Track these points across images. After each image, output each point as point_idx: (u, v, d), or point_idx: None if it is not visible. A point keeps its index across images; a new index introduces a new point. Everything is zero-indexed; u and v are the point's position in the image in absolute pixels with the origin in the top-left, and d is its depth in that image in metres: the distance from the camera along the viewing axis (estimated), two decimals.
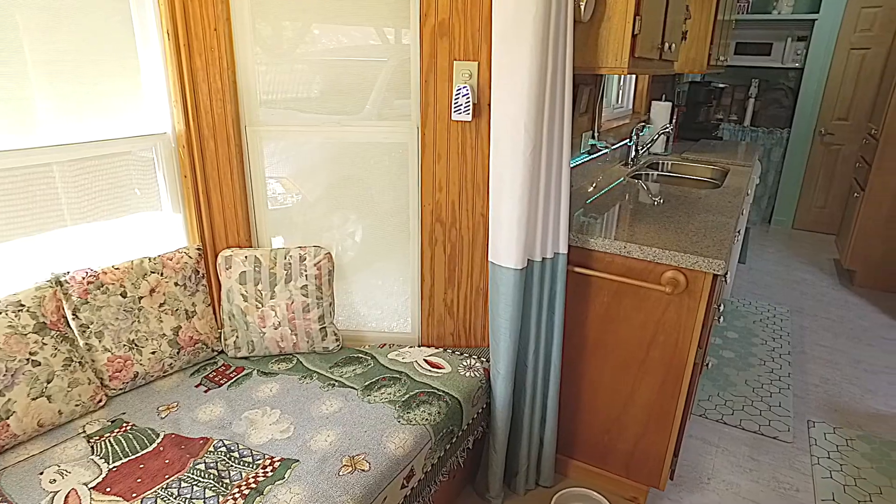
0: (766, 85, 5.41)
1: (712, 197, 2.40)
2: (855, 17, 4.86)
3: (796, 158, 5.32)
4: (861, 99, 4.99)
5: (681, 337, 1.74)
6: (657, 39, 2.00)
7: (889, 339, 3.33)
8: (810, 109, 5.17)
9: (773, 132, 5.31)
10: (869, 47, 4.87)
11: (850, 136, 5.10)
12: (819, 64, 5.03)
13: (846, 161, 5.15)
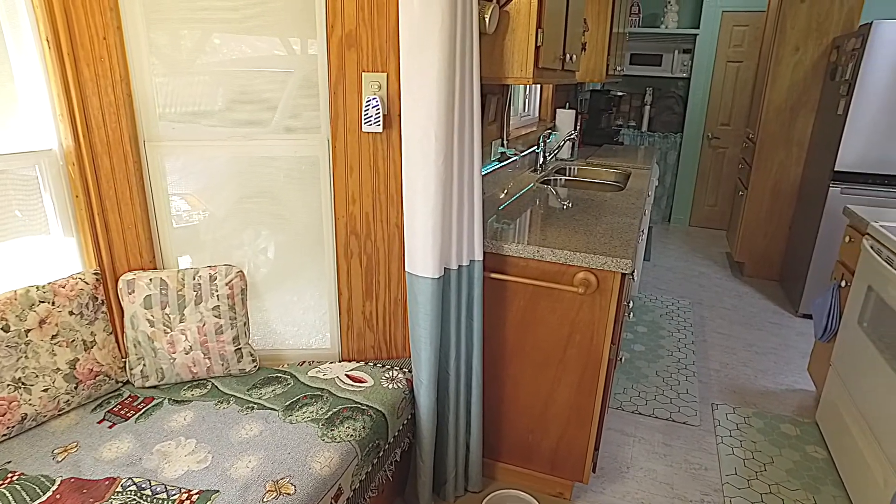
0: (660, 93, 5.80)
1: (617, 199, 2.53)
2: (728, 34, 5.32)
3: (689, 161, 5.73)
4: (739, 106, 5.47)
5: (595, 335, 1.82)
6: (559, 51, 2.09)
7: (773, 323, 3.64)
8: (698, 115, 5.59)
9: (668, 136, 5.70)
10: (742, 60, 5.36)
11: (732, 140, 5.56)
12: (703, 74, 5.46)
13: (731, 162, 5.61)
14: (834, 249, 3.50)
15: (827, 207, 3.48)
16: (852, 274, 2.38)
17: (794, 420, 2.60)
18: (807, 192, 3.94)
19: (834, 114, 3.54)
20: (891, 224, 2.26)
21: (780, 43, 3.94)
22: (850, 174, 3.41)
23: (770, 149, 4.14)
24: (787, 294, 4.07)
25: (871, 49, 3.19)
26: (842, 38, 3.65)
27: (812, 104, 3.98)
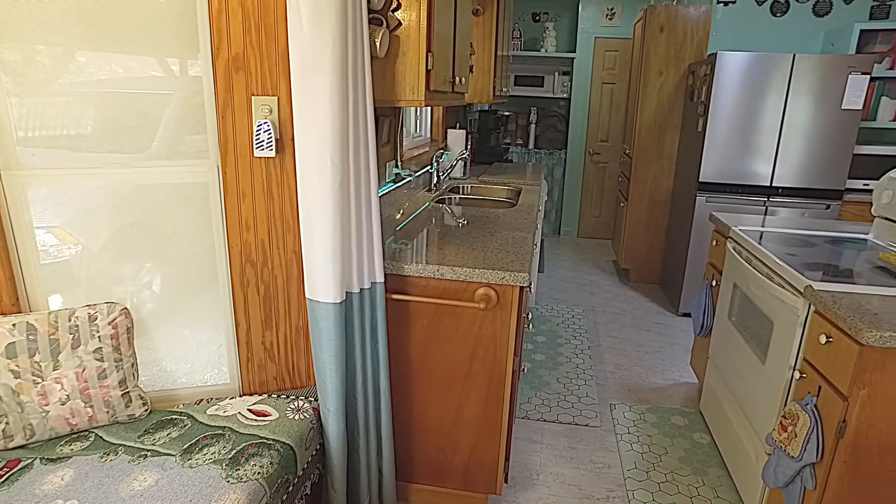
0: (543, 112, 6.12)
1: (510, 215, 2.63)
2: (602, 58, 5.75)
3: (574, 176, 6.09)
4: (615, 124, 5.90)
5: (498, 348, 1.87)
6: (449, 73, 2.15)
7: (658, 324, 3.93)
8: (580, 133, 5.96)
9: (553, 153, 6.02)
10: (615, 82, 5.80)
11: (611, 155, 5.98)
12: (581, 94, 5.85)
13: (612, 176, 6.02)
14: (704, 252, 3.85)
15: (696, 215, 3.83)
16: (720, 274, 2.63)
17: (682, 411, 2.81)
18: (678, 201, 4.31)
19: (695, 130, 3.92)
20: (748, 228, 2.54)
21: (645, 68, 4.31)
22: (712, 184, 3.78)
23: (644, 163, 4.50)
24: (668, 295, 4.42)
25: (719, 75, 3.59)
26: (696, 65, 4.07)
27: (677, 122, 4.38)
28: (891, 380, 1.51)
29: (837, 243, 2.34)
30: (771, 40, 4.32)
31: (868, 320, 1.51)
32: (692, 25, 4.19)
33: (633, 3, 5.52)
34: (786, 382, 1.87)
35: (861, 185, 3.99)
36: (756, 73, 3.56)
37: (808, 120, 3.59)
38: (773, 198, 3.76)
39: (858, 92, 3.50)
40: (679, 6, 4.20)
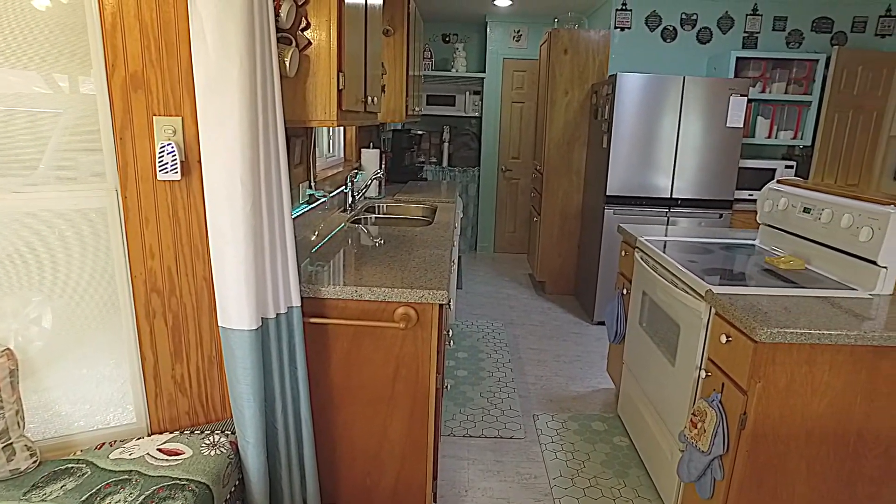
0: (456, 131, 6.24)
1: (426, 233, 2.65)
2: (511, 78, 5.96)
3: (488, 192, 6.22)
4: (526, 141, 6.11)
5: (420, 367, 1.86)
6: (361, 93, 2.14)
7: (575, 333, 4.07)
8: (492, 150, 6.11)
9: (467, 171, 6.13)
10: (524, 101, 6.02)
11: (523, 172, 6.17)
12: (492, 113, 6.01)
13: (524, 192, 6.21)
14: (615, 263, 4.05)
15: (605, 227, 4.02)
16: (630, 282, 2.77)
17: (602, 416, 2.91)
18: (588, 214, 4.51)
19: (600, 147, 4.13)
20: (653, 237, 2.69)
21: (552, 87, 4.50)
22: (618, 197, 3.99)
23: (555, 178, 4.68)
24: (583, 305, 4.59)
25: (619, 95, 3.81)
26: (598, 85, 4.30)
27: (583, 139, 4.60)
28: (780, 372, 1.64)
29: (730, 249, 2.52)
30: (664, 63, 4.65)
31: (760, 319, 1.63)
32: (593, 48, 4.43)
33: (539, 26, 5.78)
34: (694, 382, 1.98)
35: (747, 195, 4.36)
36: (652, 93, 3.81)
37: (699, 136, 3.88)
38: (673, 209, 4.01)
39: (739, 111, 3.84)
40: (580, 30, 4.43)
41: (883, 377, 1.66)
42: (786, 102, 4.54)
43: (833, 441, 1.72)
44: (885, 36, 4.67)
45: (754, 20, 4.61)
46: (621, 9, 4.55)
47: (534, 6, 5.22)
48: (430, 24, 6.02)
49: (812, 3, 4.59)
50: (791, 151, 4.78)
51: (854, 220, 2.01)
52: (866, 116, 4.58)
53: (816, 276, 2.10)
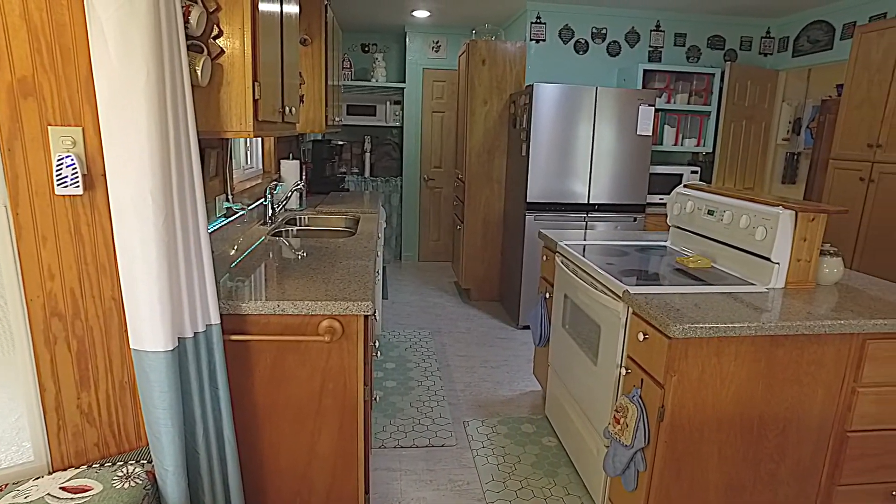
0: (377, 141, 6.21)
1: (349, 244, 2.61)
2: (430, 88, 6.01)
3: (411, 202, 6.24)
4: (447, 150, 6.18)
5: (347, 380, 1.83)
6: (278, 103, 2.09)
7: (501, 338, 4.14)
8: (414, 160, 6.14)
9: (389, 180, 6.12)
10: (444, 111, 6.09)
11: (446, 181, 6.23)
12: (413, 123, 6.04)
13: (447, 200, 6.27)
14: (537, 267, 4.15)
15: (526, 233, 4.13)
16: (552, 286, 2.85)
17: (530, 419, 2.97)
18: (510, 221, 4.61)
19: (519, 155, 4.24)
20: (572, 242, 2.79)
21: (471, 97, 4.59)
22: (538, 204, 4.10)
23: (476, 186, 4.76)
24: (508, 311, 4.68)
25: (536, 104, 3.94)
26: (516, 95, 4.42)
27: (503, 147, 4.71)
28: (692, 365, 1.74)
29: (645, 251, 2.66)
30: (577, 74, 4.85)
31: (673, 316, 1.73)
32: (510, 59, 4.56)
33: (457, 36, 5.87)
34: (615, 379, 2.07)
35: (658, 199, 4.61)
36: (567, 102, 3.96)
37: (612, 144, 4.07)
38: (591, 213, 4.18)
39: (648, 120, 4.06)
40: (498, 42, 4.54)
41: (779, 363, 1.80)
42: (689, 112, 4.86)
43: (739, 426, 1.84)
44: (766, 55, 5.10)
45: (658, 35, 4.91)
46: (536, 22, 4.71)
47: (452, 17, 5.30)
48: (349, 33, 5.99)
49: (707, 22, 4.94)
50: (696, 157, 5.11)
51: (750, 220, 2.17)
52: (757, 126, 4.98)
53: (721, 274, 2.25)
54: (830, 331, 1.77)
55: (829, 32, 4.46)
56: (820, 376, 1.85)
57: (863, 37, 3.39)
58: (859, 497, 2.00)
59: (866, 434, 1.93)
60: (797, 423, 1.89)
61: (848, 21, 4.26)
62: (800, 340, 1.80)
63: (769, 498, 1.94)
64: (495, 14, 5.10)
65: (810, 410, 1.88)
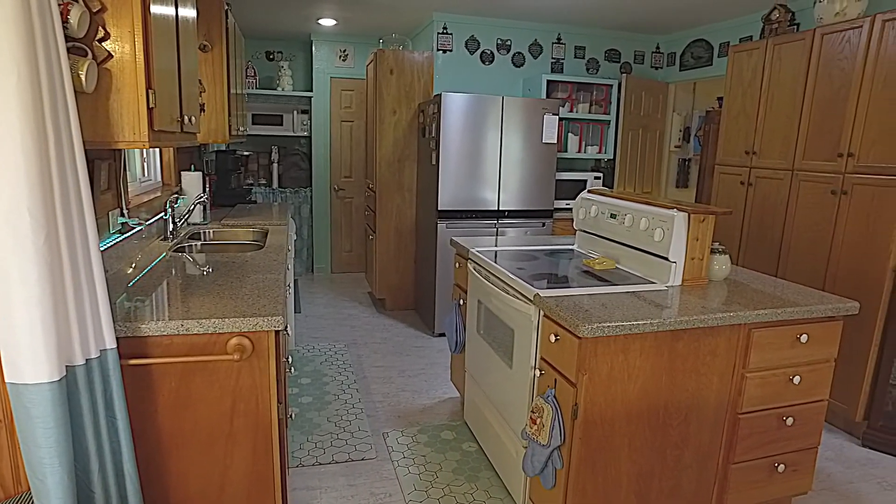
0: (285, 151, 6.05)
1: (258, 258, 2.52)
2: (339, 97, 5.94)
3: (321, 212, 6.11)
4: (357, 160, 6.12)
5: (260, 399, 1.75)
6: (176, 112, 1.98)
7: (418, 347, 4.14)
8: (323, 170, 6.03)
9: (299, 191, 5.97)
10: (353, 120, 6.04)
11: (356, 190, 6.17)
12: (321, 133, 5.94)
13: (358, 210, 6.20)
14: (450, 275, 4.19)
15: (438, 241, 4.16)
16: (466, 292, 2.89)
17: (450, 425, 2.98)
18: (422, 229, 4.63)
19: (430, 164, 4.27)
20: (484, 248, 2.84)
21: (380, 106, 4.57)
22: (449, 212, 4.15)
23: (387, 196, 4.74)
24: (424, 319, 4.68)
25: (445, 113, 3.99)
26: (424, 104, 4.46)
27: (413, 156, 4.73)
28: (602, 363, 1.82)
29: (554, 255, 2.75)
30: (484, 84, 4.97)
31: (582, 317, 1.80)
32: (418, 69, 4.59)
33: (364, 46, 5.84)
34: (530, 381, 2.12)
35: (564, 204, 4.80)
36: (475, 111, 4.04)
37: (520, 152, 4.19)
38: (501, 220, 4.28)
39: (552, 129, 4.23)
40: (405, 51, 4.57)
41: (679, 356, 1.92)
42: (590, 121, 5.11)
43: (647, 417, 1.94)
44: (657, 68, 5.47)
45: (559, 48, 5.13)
46: (443, 32, 4.78)
47: (359, 27, 5.27)
48: (253, 40, 5.80)
49: (603, 37, 5.23)
50: (598, 164, 5.37)
51: (649, 223, 2.30)
52: (652, 134, 5.31)
53: (625, 274, 2.37)
54: (722, 323, 1.91)
55: (709, 50, 4.85)
56: (715, 365, 1.99)
57: (735, 55, 3.71)
58: (750, 472, 2.17)
59: (754, 415, 2.10)
60: (697, 411, 2.02)
61: (723, 41, 4.66)
62: (696, 333, 1.93)
63: (675, 482, 2.06)
64: (402, 24, 5.12)
65: (708, 397, 2.02)
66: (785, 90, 3.34)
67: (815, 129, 3.16)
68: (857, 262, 2.94)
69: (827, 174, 3.08)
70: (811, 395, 2.18)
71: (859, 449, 2.94)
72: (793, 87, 3.28)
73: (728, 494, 2.15)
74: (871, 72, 2.85)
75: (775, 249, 3.42)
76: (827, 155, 3.08)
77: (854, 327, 2.95)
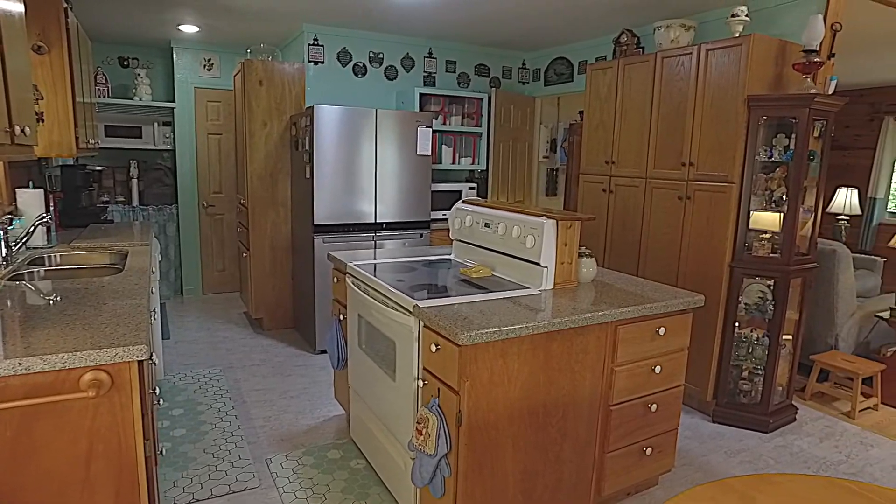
0: (146, 165, 5.60)
1: (117, 282, 2.30)
2: (205, 108, 5.62)
3: (189, 231, 5.73)
4: (227, 174, 5.82)
5: (123, 437, 1.59)
6: (4, 122, 1.76)
7: (299, 366, 4.00)
8: (190, 186, 5.66)
9: (163, 209, 5.55)
10: (221, 133, 5.74)
11: (227, 206, 5.86)
12: (187, 146, 5.58)
13: (230, 227, 5.89)
14: (329, 290, 4.10)
15: (316, 256, 4.06)
16: (346, 307, 2.84)
17: (336, 444, 2.90)
18: (298, 245, 4.49)
19: (304, 178, 4.16)
20: (362, 262, 2.81)
21: (250, 119, 4.39)
22: (326, 226, 4.07)
23: (261, 211, 4.55)
24: (304, 336, 4.54)
25: (318, 126, 3.92)
26: (296, 117, 4.34)
27: (286, 170, 4.58)
28: (482, 369, 1.87)
29: (432, 265, 2.79)
30: (358, 97, 4.94)
31: (461, 325, 1.83)
32: (289, 80, 4.47)
33: (231, 55, 5.58)
34: (414, 392, 2.12)
35: (441, 215, 4.89)
36: (349, 124, 4.01)
37: (395, 164, 4.22)
38: (379, 233, 4.26)
39: (426, 141, 4.30)
40: (275, 62, 4.42)
41: (554, 356, 2.03)
42: (463, 133, 5.26)
43: (528, 417, 2.02)
44: (524, 83, 5.78)
45: (431, 62, 5.24)
46: (313, 44, 4.69)
47: (224, 35, 5.03)
48: (102, 44, 5.32)
49: (472, 52, 5.42)
50: (472, 175, 5.54)
51: (521, 230, 2.41)
52: (522, 145, 5.59)
53: (501, 281, 2.46)
54: (591, 322, 2.05)
55: (569, 67, 5.21)
56: (587, 362, 2.12)
57: (592, 73, 4.01)
58: (623, 458, 2.34)
59: (623, 405, 2.27)
60: (574, 406, 2.13)
61: (582, 59, 5.03)
62: (569, 334, 2.04)
63: (557, 476, 2.16)
64: (271, 34, 4.96)
65: (582, 393, 2.14)
66: (636, 105, 3.66)
67: (662, 140, 3.49)
68: (702, 259, 3.28)
69: (674, 181, 3.42)
70: (670, 382, 2.39)
71: (711, 425, 3.27)
72: (642, 103, 3.61)
73: (605, 481, 2.29)
74: (702, 91, 3.21)
75: (635, 251, 3.73)
76: (673, 164, 3.42)
77: (701, 318, 3.29)
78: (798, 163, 2.95)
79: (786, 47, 3.11)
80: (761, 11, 3.53)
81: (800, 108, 2.90)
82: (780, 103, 2.95)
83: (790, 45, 3.12)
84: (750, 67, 2.97)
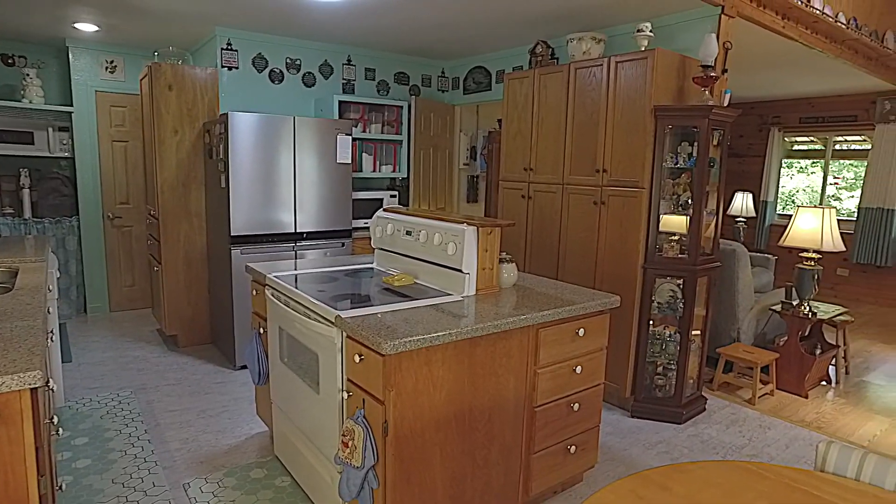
0: (40, 174, 5.18)
1: (6, 302, 2.11)
2: (108, 113, 5.28)
3: (93, 244, 5.35)
4: (135, 184, 5.49)
5: (11, 475, 1.45)
6: None
7: (218, 383, 3.82)
8: (93, 196, 5.29)
9: (62, 221, 5.15)
10: (127, 140, 5.41)
11: (135, 218, 5.53)
12: (88, 153, 5.22)
13: (139, 240, 5.56)
14: (248, 303, 3.95)
15: (233, 268, 3.90)
16: (266, 320, 2.74)
17: (259, 462, 2.79)
18: (214, 257, 4.30)
19: (219, 187, 4.00)
20: (282, 273, 2.73)
21: (159, 125, 4.16)
22: (244, 237, 3.92)
23: (173, 222, 4.32)
24: (223, 352, 4.34)
25: (233, 134, 3.77)
26: (210, 124, 4.17)
27: (200, 179, 4.38)
28: (407, 378, 1.86)
29: (354, 275, 2.75)
30: (275, 104, 4.80)
31: (384, 334, 1.82)
32: (201, 86, 4.28)
33: (136, 58, 5.29)
34: (339, 404, 2.07)
35: (363, 223, 4.84)
36: (265, 132, 3.89)
37: (315, 173, 4.13)
38: (299, 242, 4.16)
39: (346, 149, 4.25)
40: (185, 66, 4.22)
41: (478, 361, 2.05)
42: (383, 141, 5.24)
43: (455, 423, 2.02)
44: (443, 91, 5.84)
45: (350, 69, 5.18)
46: (227, 48, 4.53)
47: (128, 35, 4.76)
48: None
49: (392, 60, 5.42)
50: (393, 182, 5.53)
51: (442, 237, 2.42)
52: (442, 153, 5.64)
53: (424, 288, 2.46)
54: (513, 326, 2.08)
55: (487, 76, 5.31)
56: (511, 366, 2.16)
57: (510, 82, 4.12)
58: (549, 458, 2.39)
59: (547, 406, 2.32)
60: (499, 410, 2.16)
61: (500, 69, 5.15)
62: (492, 338, 2.07)
63: (486, 480, 2.18)
64: (181, 36, 4.75)
65: (507, 396, 2.18)
66: (552, 114, 3.79)
67: (577, 148, 3.63)
68: (617, 261, 3.43)
69: (589, 187, 3.55)
70: (591, 381, 2.48)
71: (630, 420, 3.42)
72: (558, 112, 3.74)
73: (532, 482, 2.34)
74: (613, 101, 3.37)
75: (554, 255, 3.84)
76: (587, 171, 3.56)
77: (618, 318, 3.43)
78: (701, 168, 3.15)
79: (685, 62, 3.33)
80: (663, 28, 3.76)
81: (700, 119, 3.10)
82: (684, 113, 3.14)
83: (689, 60, 3.34)
84: (655, 80, 3.14)
